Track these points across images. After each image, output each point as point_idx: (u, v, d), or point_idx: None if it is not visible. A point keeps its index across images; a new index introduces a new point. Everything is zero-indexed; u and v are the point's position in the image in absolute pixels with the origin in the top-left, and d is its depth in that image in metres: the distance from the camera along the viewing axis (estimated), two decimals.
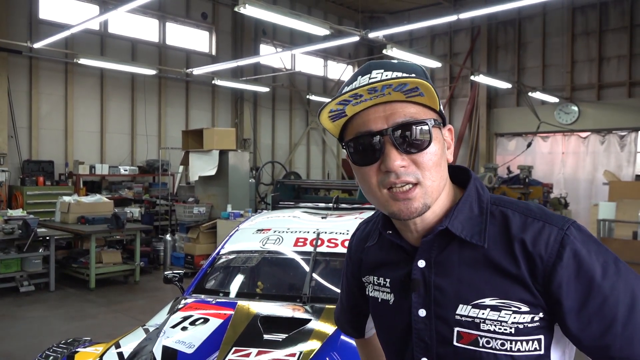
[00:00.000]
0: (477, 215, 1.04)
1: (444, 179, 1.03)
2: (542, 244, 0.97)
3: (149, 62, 11.69)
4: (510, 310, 0.98)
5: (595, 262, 0.95)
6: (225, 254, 3.75)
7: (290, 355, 2.46)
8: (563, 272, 0.95)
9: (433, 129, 1.01)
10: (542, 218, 1.00)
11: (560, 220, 0.99)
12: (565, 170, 14.58)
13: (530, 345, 0.99)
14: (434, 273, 1.05)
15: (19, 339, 5.62)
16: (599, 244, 0.98)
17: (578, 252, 0.96)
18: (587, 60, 13.95)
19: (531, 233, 0.98)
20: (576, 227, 0.99)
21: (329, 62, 16.80)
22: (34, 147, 10.65)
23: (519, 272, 0.98)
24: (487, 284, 1.00)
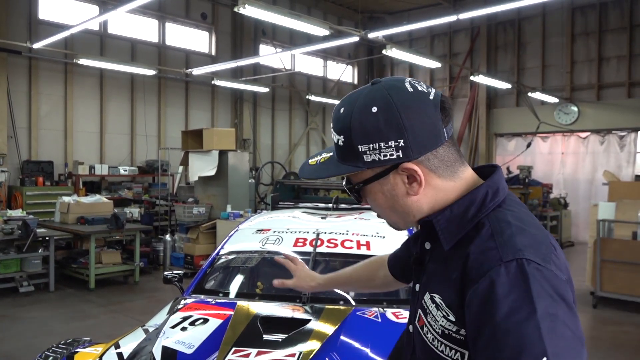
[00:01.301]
0: (467, 220, 1.05)
1: (412, 210, 1.10)
2: (476, 265, 0.97)
3: (148, 62, 11.69)
4: (443, 312, 1.04)
5: (505, 302, 0.91)
6: (224, 254, 3.75)
7: (290, 356, 2.46)
8: (472, 296, 0.96)
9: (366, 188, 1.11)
10: (500, 242, 0.98)
11: (511, 252, 0.96)
12: (564, 170, 14.59)
13: (453, 353, 1.02)
14: (430, 257, 1.14)
15: (19, 339, 5.62)
16: (527, 296, 0.90)
17: (495, 285, 0.93)
18: (587, 61, 13.95)
19: (478, 251, 0.99)
20: (520, 266, 0.93)
21: (328, 63, 16.80)
22: (34, 147, 10.65)
23: (456, 283, 1.01)
24: (439, 282, 1.07)
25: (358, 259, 3.36)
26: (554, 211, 12.68)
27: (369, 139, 1.03)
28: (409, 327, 1.22)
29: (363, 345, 2.57)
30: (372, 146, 1.03)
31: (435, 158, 1.06)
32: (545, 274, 0.94)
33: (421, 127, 1.02)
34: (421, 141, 1.03)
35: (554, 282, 0.94)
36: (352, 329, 2.62)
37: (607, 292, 7.19)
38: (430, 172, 1.06)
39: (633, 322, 6.62)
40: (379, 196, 1.11)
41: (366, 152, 1.05)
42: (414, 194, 1.08)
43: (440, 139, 1.04)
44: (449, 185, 1.08)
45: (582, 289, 8.16)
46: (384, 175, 1.07)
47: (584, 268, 8.33)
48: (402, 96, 1.03)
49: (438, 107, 1.04)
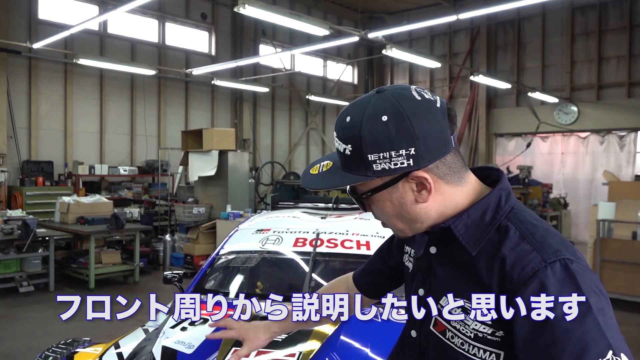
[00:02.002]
0: (486, 224, 1.06)
1: (420, 217, 1.10)
2: (518, 268, 0.98)
3: (148, 62, 11.69)
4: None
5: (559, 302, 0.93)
6: (224, 254, 3.75)
7: (289, 356, 2.46)
8: (523, 298, 0.96)
9: (373, 196, 1.10)
10: (535, 244, 1.00)
11: (551, 253, 0.98)
12: (564, 170, 14.59)
13: (488, 355, 1.03)
14: (438, 261, 1.14)
15: (19, 339, 5.62)
16: (578, 289, 0.94)
17: (546, 286, 0.95)
18: (587, 61, 13.95)
19: (515, 254, 1.00)
20: (563, 264, 0.97)
21: (328, 62, 16.80)
22: (34, 147, 10.65)
23: (491, 286, 1.01)
24: (466, 287, 1.06)
25: (358, 259, 3.37)
26: (554, 211, 12.68)
27: (379, 148, 1.03)
28: (410, 333, 1.21)
29: (363, 345, 2.57)
30: (383, 155, 1.03)
31: (444, 165, 1.07)
32: (585, 271, 0.98)
33: (431, 135, 1.03)
34: (431, 149, 1.03)
35: (593, 277, 0.99)
36: (352, 329, 2.62)
37: (607, 292, 7.14)
38: (439, 179, 1.07)
39: (633, 321, 6.62)
40: (387, 205, 1.10)
41: (376, 161, 1.04)
42: (423, 202, 1.08)
43: (448, 147, 1.05)
44: (457, 191, 1.09)
45: None
46: (394, 183, 1.07)
47: None
48: (412, 104, 1.04)
49: (445, 114, 1.06)
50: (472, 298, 1.03)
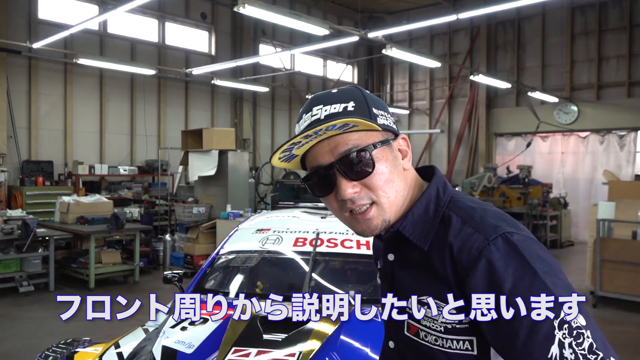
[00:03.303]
0: (430, 218, 1.09)
1: (401, 189, 1.10)
2: (465, 252, 1.01)
3: (148, 62, 11.68)
4: (439, 308, 1.05)
5: (507, 274, 0.97)
6: (224, 254, 3.75)
7: (289, 355, 2.46)
8: (476, 281, 0.99)
9: (377, 151, 1.07)
10: (476, 225, 1.03)
11: (491, 230, 1.01)
12: (564, 170, 14.59)
13: (462, 344, 1.05)
14: (397, 266, 1.15)
15: (19, 339, 5.62)
16: (522, 259, 0.98)
17: (493, 263, 0.98)
18: (587, 60, 13.95)
19: (460, 239, 1.03)
20: (504, 238, 1.00)
21: (328, 62, 16.80)
22: (33, 147, 10.65)
23: (447, 276, 1.03)
24: (427, 283, 1.08)
25: (358, 258, 3.37)
26: (554, 211, 12.68)
27: (378, 106, 1.12)
28: (388, 345, 1.21)
29: (363, 345, 2.57)
30: (382, 112, 1.11)
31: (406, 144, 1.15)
32: (526, 239, 1.02)
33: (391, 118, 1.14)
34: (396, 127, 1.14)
35: (536, 245, 1.02)
36: (352, 329, 2.62)
37: (607, 291, 7.19)
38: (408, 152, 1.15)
39: (633, 321, 6.62)
40: (389, 164, 1.09)
41: (379, 115, 1.10)
42: (407, 169, 1.13)
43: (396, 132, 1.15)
44: (413, 174, 1.15)
45: (582, 289, 8.16)
46: (386, 143, 1.10)
47: (584, 268, 8.34)
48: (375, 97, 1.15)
49: None
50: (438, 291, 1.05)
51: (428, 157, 17.14)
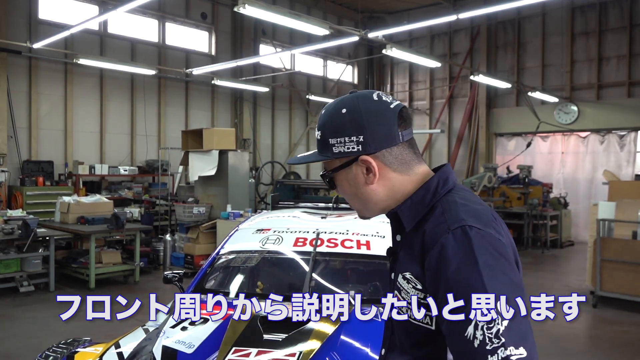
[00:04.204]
0: (425, 206, 1.27)
1: (373, 196, 1.31)
2: (431, 236, 1.19)
3: (148, 62, 11.69)
4: (412, 285, 1.23)
5: (454, 260, 1.12)
6: (225, 254, 3.75)
7: (290, 355, 2.46)
8: (429, 262, 1.17)
9: (336, 174, 1.33)
10: (448, 217, 1.20)
11: (456, 222, 1.17)
12: (564, 170, 14.58)
13: (424, 318, 1.21)
14: (400, 246, 1.33)
15: (19, 339, 5.62)
16: (470, 252, 1.12)
17: (445, 247, 1.14)
18: (587, 60, 13.95)
19: (431, 227, 1.20)
20: (463, 230, 1.15)
21: (328, 62, 16.80)
22: (34, 147, 10.65)
23: (420, 255, 1.21)
24: (407, 261, 1.26)
25: (358, 258, 3.38)
26: (554, 211, 12.67)
27: (337, 134, 1.27)
28: None
29: (363, 344, 2.58)
30: (339, 140, 1.27)
31: (390, 155, 1.27)
32: (485, 236, 1.15)
33: (378, 128, 1.25)
34: (377, 139, 1.25)
35: (492, 241, 1.15)
36: (352, 329, 2.62)
37: (607, 291, 7.19)
38: (385, 166, 1.28)
39: (633, 321, 6.62)
40: (345, 183, 1.33)
41: (335, 145, 1.28)
42: (371, 184, 1.29)
43: (395, 140, 1.26)
44: (404, 179, 1.29)
45: (582, 289, 8.16)
46: (348, 165, 1.29)
47: (584, 268, 8.34)
48: (367, 103, 1.27)
49: (396, 114, 1.27)
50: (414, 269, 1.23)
51: (428, 157, 17.14)
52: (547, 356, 5.19)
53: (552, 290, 8.34)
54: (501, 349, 1.03)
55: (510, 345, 1.04)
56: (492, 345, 1.04)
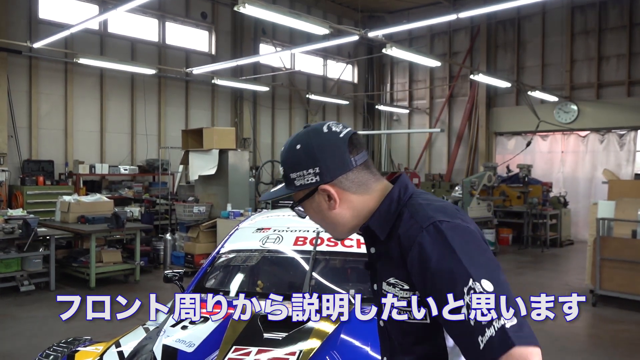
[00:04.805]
0: (391, 214, 1.36)
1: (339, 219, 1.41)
2: (407, 239, 1.28)
3: (148, 61, 11.69)
4: (399, 288, 1.32)
5: (433, 254, 1.22)
6: (225, 253, 3.76)
7: (290, 354, 2.47)
8: (411, 261, 1.26)
9: (302, 204, 1.44)
10: (417, 218, 1.30)
11: (426, 220, 1.27)
12: (564, 169, 14.59)
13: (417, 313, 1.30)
14: (376, 258, 1.42)
15: (20, 338, 5.63)
16: (446, 243, 1.22)
17: (423, 245, 1.24)
18: (587, 60, 13.95)
19: (404, 230, 1.30)
20: (435, 225, 1.25)
21: (328, 62, 16.80)
22: (34, 146, 10.66)
23: (400, 261, 1.29)
24: (390, 266, 1.34)
25: (358, 257, 3.38)
26: (554, 210, 12.68)
27: (296, 168, 1.38)
28: (379, 323, 1.47)
29: (363, 343, 2.58)
30: (298, 173, 1.37)
31: (347, 180, 1.37)
32: (455, 226, 1.26)
33: (331, 158, 1.35)
34: (331, 169, 1.36)
35: (462, 230, 1.27)
36: (352, 328, 2.63)
37: (607, 290, 7.20)
38: (344, 190, 1.38)
39: (633, 320, 6.63)
40: (312, 212, 1.44)
41: (295, 178, 1.38)
42: (334, 209, 1.39)
43: (348, 166, 1.36)
44: (365, 198, 1.39)
45: (581, 287, 8.17)
46: (311, 195, 1.40)
47: (584, 266, 8.34)
48: (318, 136, 1.38)
49: (346, 142, 1.36)
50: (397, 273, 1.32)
51: (428, 156, 17.15)
52: (546, 355, 5.18)
53: (552, 289, 8.35)
54: (495, 321, 1.11)
55: (502, 315, 1.12)
56: (487, 320, 1.12)
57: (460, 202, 11.22)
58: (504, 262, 10.63)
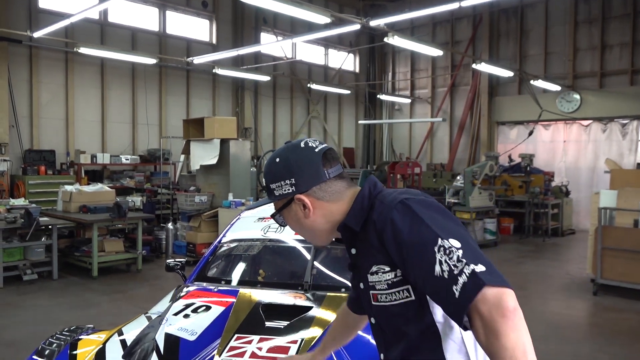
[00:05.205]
0: (365, 208, 1.46)
1: (317, 225, 1.52)
2: (381, 221, 1.38)
3: (149, 51, 11.65)
4: (381, 272, 1.41)
5: (404, 227, 1.32)
6: (226, 242, 3.77)
7: (291, 342, 2.48)
8: (387, 239, 1.35)
9: (283, 212, 1.55)
10: (386, 202, 1.41)
11: (394, 201, 1.39)
12: (566, 158, 14.56)
13: (402, 293, 1.39)
14: (358, 257, 1.51)
15: (23, 326, 5.66)
16: (414, 214, 1.33)
17: (394, 220, 1.34)
18: (590, 48, 13.87)
19: (378, 215, 1.40)
20: (403, 203, 1.37)
21: (330, 51, 16.72)
22: (35, 136, 10.66)
23: (378, 244, 1.39)
24: (370, 257, 1.44)
25: None
26: (556, 199, 12.68)
27: (275, 180, 1.51)
28: (371, 321, 1.55)
29: (365, 332, 2.59)
30: (277, 184, 1.50)
31: (321, 190, 1.49)
32: (420, 200, 1.38)
33: (306, 171, 1.48)
34: (306, 180, 1.48)
35: (426, 202, 1.38)
36: None
37: (608, 279, 7.21)
38: (318, 200, 1.49)
39: (633, 309, 6.65)
40: (290, 220, 1.56)
41: (275, 189, 1.51)
42: (309, 217, 1.50)
43: (322, 178, 1.48)
44: (338, 204, 1.50)
45: (582, 277, 8.19)
46: (288, 204, 1.52)
47: (585, 256, 8.35)
48: (295, 150, 1.51)
49: (320, 157, 1.49)
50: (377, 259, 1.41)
51: (430, 145, 17.12)
52: (546, 343, 5.22)
53: (553, 278, 8.38)
54: (465, 267, 1.19)
55: (471, 263, 1.20)
56: (458, 269, 1.20)
57: (462, 191, 11.22)
58: (505, 252, 10.65)
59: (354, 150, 18.17)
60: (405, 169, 12.39)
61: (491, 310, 1.14)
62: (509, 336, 1.12)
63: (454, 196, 11.52)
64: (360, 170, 13.78)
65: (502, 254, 10.36)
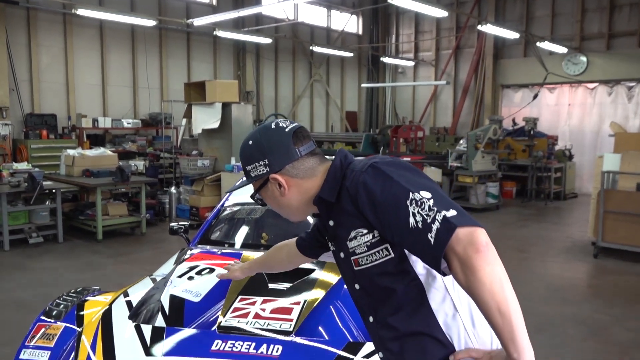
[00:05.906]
0: (338, 179, 1.51)
1: (292, 201, 1.59)
2: (353, 187, 1.44)
3: (148, 12, 11.43)
4: (359, 235, 1.46)
5: (377, 187, 1.38)
6: (229, 206, 3.78)
7: (294, 304, 2.51)
8: (361, 199, 1.41)
9: (260, 192, 1.63)
10: (357, 169, 1.46)
11: (364, 167, 1.44)
12: (571, 122, 14.44)
13: (381, 253, 1.44)
14: (336, 227, 1.55)
15: (30, 288, 5.75)
16: (385, 175, 1.39)
17: (366, 183, 1.41)
18: (598, 9, 13.57)
19: (350, 181, 1.46)
20: (372, 166, 1.43)
21: (332, 12, 16.41)
22: (36, 100, 10.58)
23: (353, 209, 1.45)
24: (347, 225, 1.49)
25: None
26: (559, 163, 12.64)
27: (249, 161, 1.58)
28: (355, 287, 1.58)
29: None
30: (252, 166, 1.57)
31: (294, 168, 1.55)
32: (388, 162, 1.45)
33: (277, 150, 1.53)
34: (278, 159, 1.54)
35: (394, 162, 1.45)
36: None
37: (609, 242, 7.26)
38: (292, 177, 1.55)
39: (633, 271, 6.71)
40: (269, 199, 1.63)
41: (250, 170, 1.58)
42: (284, 195, 1.57)
43: (294, 156, 1.54)
44: (312, 180, 1.56)
45: (583, 240, 8.24)
46: (265, 184, 1.59)
47: (587, 219, 8.38)
48: (266, 132, 1.57)
49: (291, 136, 1.54)
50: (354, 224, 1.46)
51: (433, 109, 16.98)
52: (547, 305, 5.29)
53: (554, 241, 8.43)
54: (437, 214, 1.26)
55: (442, 209, 1.27)
56: (430, 217, 1.27)
57: (465, 155, 11.19)
58: (507, 215, 10.69)
59: (357, 114, 18.04)
60: (408, 132, 12.33)
61: (466, 247, 1.22)
62: (485, 270, 1.20)
63: (456, 160, 11.49)
64: (363, 134, 13.70)
65: (504, 218, 10.41)
